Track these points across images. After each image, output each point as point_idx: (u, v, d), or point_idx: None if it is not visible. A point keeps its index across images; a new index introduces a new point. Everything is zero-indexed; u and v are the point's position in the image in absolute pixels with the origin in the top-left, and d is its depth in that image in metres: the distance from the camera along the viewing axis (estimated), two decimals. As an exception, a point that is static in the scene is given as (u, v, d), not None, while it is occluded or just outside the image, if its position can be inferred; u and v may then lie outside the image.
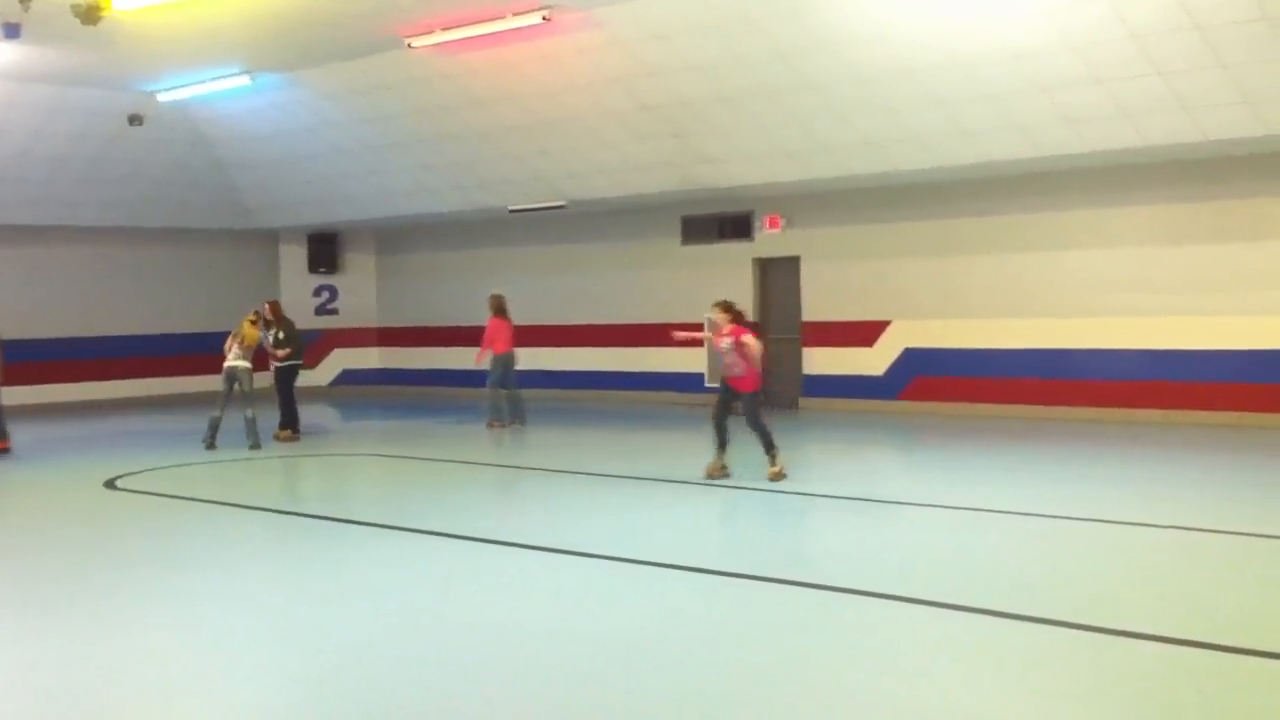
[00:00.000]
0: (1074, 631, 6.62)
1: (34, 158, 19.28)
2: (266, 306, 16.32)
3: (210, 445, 15.27)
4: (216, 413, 15.39)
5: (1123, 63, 12.90)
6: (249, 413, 15.41)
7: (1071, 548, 8.98)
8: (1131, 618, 6.82)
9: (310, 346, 23.40)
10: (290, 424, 16.33)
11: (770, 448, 11.77)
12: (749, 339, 11.68)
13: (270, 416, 16.29)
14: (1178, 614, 6.99)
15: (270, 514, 11.19)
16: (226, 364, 15.48)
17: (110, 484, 12.84)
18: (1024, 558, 8.63)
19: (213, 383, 16.72)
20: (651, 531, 9.85)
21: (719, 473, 11.97)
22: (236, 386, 15.45)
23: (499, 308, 17.57)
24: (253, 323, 15.74)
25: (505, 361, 17.34)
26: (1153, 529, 9.37)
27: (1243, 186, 15.26)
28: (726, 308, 11.95)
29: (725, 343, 11.80)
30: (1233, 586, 7.71)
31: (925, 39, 13.50)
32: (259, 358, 16.03)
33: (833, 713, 5.54)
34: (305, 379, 23.31)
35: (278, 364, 16.16)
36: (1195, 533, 9.20)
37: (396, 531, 9.92)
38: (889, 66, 14.05)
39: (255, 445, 15.30)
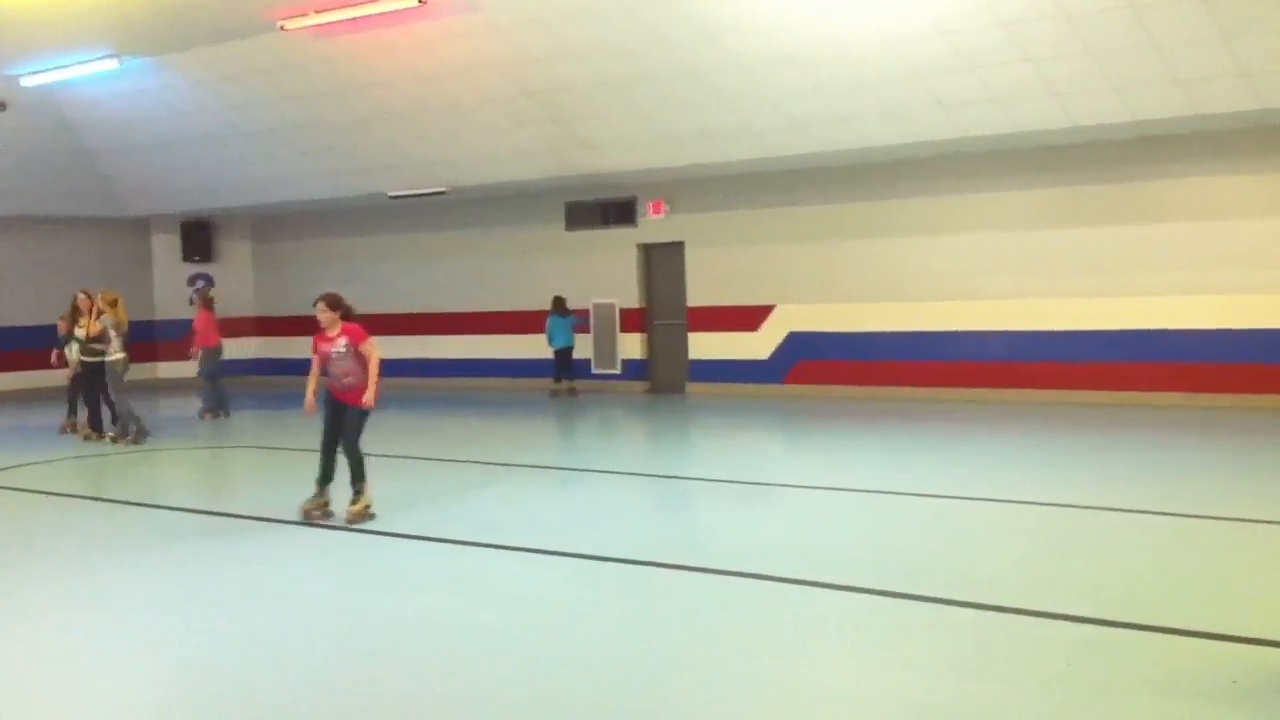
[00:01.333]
0: (951, 608, 6.72)
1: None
2: (83, 296, 15.60)
3: (141, 438, 15.03)
4: (129, 405, 15.05)
5: (992, 49, 13.14)
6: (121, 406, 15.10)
7: (950, 526, 9.14)
8: (1008, 593, 6.96)
9: (184, 336, 22.93)
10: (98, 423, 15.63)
11: (361, 478, 9.63)
12: (369, 346, 9.50)
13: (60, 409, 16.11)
14: (1052, 589, 7.14)
15: (142, 509, 10.89)
16: (118, 357, 14.84)
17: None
18: (903, 537, 8.75)
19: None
20: (535, 518, 9.81)
21: (319, 512, 9.71)
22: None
23: (208, 302, 18.26)
24: (112, 303, 15.09)
25: (215, 353, 18.05)
26: (1030, 506, 9.59)
27: (1110, 172, 15.67)
28: (333, 303, 9.54)
29: (340, 345, 9.47)
30: (1107, 562, 7.89)
31: (801, 25, 13.60)
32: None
33: (713, 693, 5.56)
34: (180, 369, 22.92)
35: (88, 359, 15.28)
36: (1071, 509, 9.40)
37: (272, 524, 9.73)
38: (766, 53, 14.14)
39: (119, 439, 15.04)
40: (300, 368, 23.23)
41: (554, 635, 6.56)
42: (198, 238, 24.20)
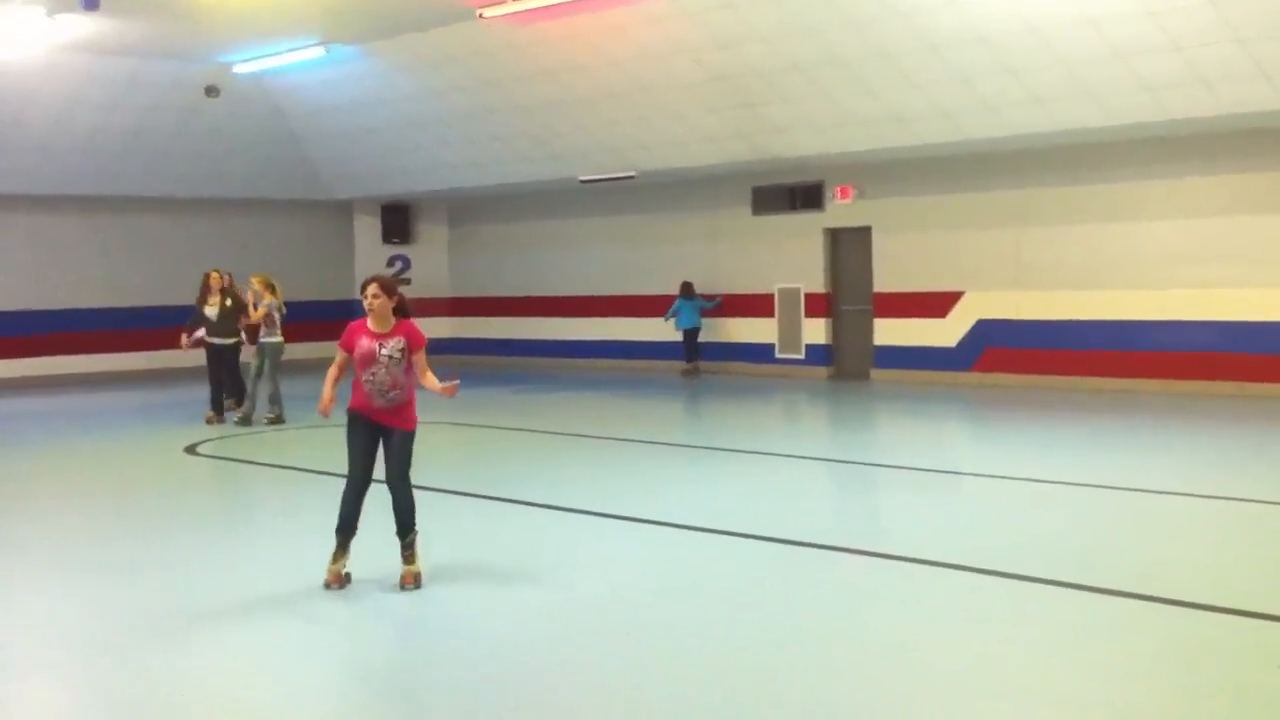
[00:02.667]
0: (1138, 602, 6.61)
1: (110, 130, 19.60)
2: (215, 275, 15.26)
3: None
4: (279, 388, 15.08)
5: (1200, 29, 12.64)
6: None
7: (1134, 519, 8.92)
8: (1205, 591, 6.78)
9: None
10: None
11: (410, 528, 7.37)
12: (423, 357, 7.48)
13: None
14: (1247, 587, 6.92)
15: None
16: (277, 340, 14.89)
17: (191, 449, 13.12)
18: (1084, 528, 8.57)
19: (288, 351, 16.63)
20: (718, 500, 9.92)
21: (340, 580, 7.27)
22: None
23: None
24: (270, 287, 14.93)
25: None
26: (1223, 501, 9.27)
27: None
28: (389, 289, 7.35)
29: (393, 348, 7.29)
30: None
31: (996, 4, 13.32)
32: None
33: (878, 682, 5.60)
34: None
35: (220, 340, 15.19)
36: (1264, 505, 9.07)
37: (468, 498, 10.04)
38: (960, 33, 13.88)
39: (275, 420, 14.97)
40: (493, 347, 23.99)
41: (721, 612, 6.69)
42: (397, 220, 24.99)
